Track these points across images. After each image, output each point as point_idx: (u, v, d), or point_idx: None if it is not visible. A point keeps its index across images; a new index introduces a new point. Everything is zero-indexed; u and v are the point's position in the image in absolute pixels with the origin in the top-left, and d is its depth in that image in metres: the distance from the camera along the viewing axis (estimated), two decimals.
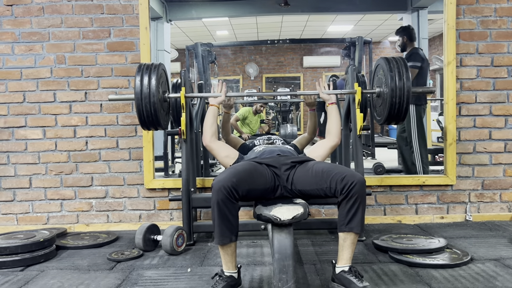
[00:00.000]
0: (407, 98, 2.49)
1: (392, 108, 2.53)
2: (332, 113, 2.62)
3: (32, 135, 3.37)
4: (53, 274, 2.43)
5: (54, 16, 3.32)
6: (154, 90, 2.51)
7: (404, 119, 2.59)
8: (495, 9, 3.34)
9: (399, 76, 2.49)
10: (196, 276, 2.34)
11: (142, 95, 2.50)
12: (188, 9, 6.17)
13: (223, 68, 10.47)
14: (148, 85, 2.50)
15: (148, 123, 2.59)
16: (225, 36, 9.45)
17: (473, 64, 3.36)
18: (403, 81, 2.48)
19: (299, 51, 10.73)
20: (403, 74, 2.49)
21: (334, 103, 2.64)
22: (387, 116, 2.59)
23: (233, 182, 1.95)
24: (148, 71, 2.54)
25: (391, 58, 2.59)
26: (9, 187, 3.39)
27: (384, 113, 2.62)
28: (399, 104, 2.50)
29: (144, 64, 2.59)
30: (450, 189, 3.41)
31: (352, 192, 1.96)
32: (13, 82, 3.34)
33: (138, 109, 2.54)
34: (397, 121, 2.61)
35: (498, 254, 2.57)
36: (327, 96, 2.66)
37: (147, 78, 2.51)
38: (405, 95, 2.48)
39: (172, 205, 3.39)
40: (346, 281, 2.01)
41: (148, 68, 2.55)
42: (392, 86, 2.49)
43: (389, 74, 2.50)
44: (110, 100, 2.83)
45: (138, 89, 2.51)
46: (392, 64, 2.53)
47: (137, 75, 2.53)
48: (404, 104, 2.50)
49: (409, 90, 2.49)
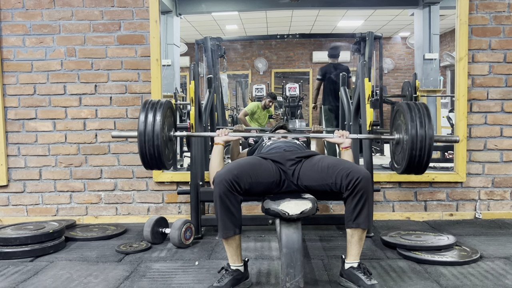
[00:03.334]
0: (429, 148, 2.22)
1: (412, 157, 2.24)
2: (345, 159, 2.33)
3: (42, 127, 3.39)
4: (62, 265, 2.45)
5: (65, 8, 3.33)
6: (159, 131, 2.24)
7: (425, 170, 2.32)
8: (508, 4, 3.29)
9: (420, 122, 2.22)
10: (203, 269, 2.35)
11: (145, 135, 2.24)
12: (198, 3, 6.16)
13: (232, 62, 10.46)
14: (153, 125, 2.24)
15: (151, 165, 2.34)
16: (235, 31, 9.44)
17: (485, 60, 3.32)
18: (424, 128, 2.21)
19: (309, 46, 10.68)
20: (425, 120, 2.22)
21: (349, 147, 2.37)
22: (407, 165, 2.30)
23: (234, 175, 1.96)
24: (154, 109, 2.28)
25: (412, 102, 2.31)
26: (20, 179, 3.42)
27: (404, 162, 2.33)
28: (420, 153, 2.22)
29: (150, 101, 2.33)
30: (460, 186, 3.38)
31: (358, 188, 1.96)
32: (24, 74, 3.36)
33: (141, 151, 2.28)
34: (417, 171, 2.34)
35: (508, 252, 2.55)
36: (340, 140, 2.38)
37: (152, 118, 2.25)
38: (427, 144, 2.21)
39: (180, 198, 3.40)
40: (355, 278, 2.01)
41: (154, 107, 2.30)
42: (412, 134, 2.20)
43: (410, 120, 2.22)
44: (113, 137, 2.60)
45: (141, 129, 2.24)
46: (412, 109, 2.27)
47: (141, 112, 2.28)
48: (426, 153, 2.22)
49: (432, 138, 2.21)
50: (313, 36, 10.20)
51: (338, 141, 2.39)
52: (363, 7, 7.08)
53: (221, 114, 5.19)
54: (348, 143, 2.36)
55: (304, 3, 6.01)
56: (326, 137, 2.52)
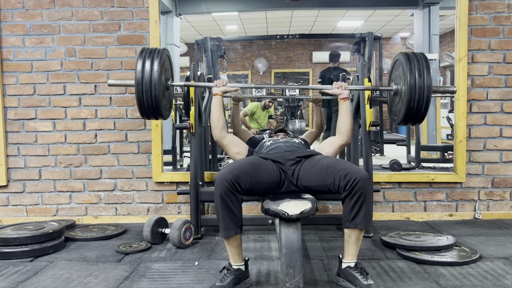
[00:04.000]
0: (427, 98, 2.27)
1: (410, 106, 2.30)
2: (343, 110, 2.48)
3: (42, 127, 3.39)
4: (62, 265, 2.45)
5: (65, 9, 3.33)
6: (156, 77, 2.29)
7: (423, 120, 2.37)
8: (508, 5, 3.29)
9: (419, 72, 2.27)
10: (203, 269, 2.35)
11: (143, 80, 2.29)
12: (198, 3, 6.17)
13: (232, 62, 10.47)
14: (150, 71, 2.29)
15: (148, 112, 2.39)
16: (235, 31, 9.44)
17: (485, 60, 3.32)
18: (423, 79, 2.26)
19: (309, 47, 10.69)
20: (423, 70, 2.28)
21: (347, 98, 2.47)
22: (405, 115, 2.36)
23: (235, 175, 1.97)
24: (151, 56, 2.34)
25: (411, 53, 2.38)
26: (19, 179, 3.42)
27: (401, 113, 2.39)
28: (418, 102, 2.28)
29: (147, 49, 2.39)
30: (460, 186, 3.38)
31: (356, 189, 1.96)
32: (23, 74, 3.36)
33: (138, 96, 2.33)
34: (414, 121, 2.40)
35: (507, 253, 2.55)
36: (338, 91, 2.48)
37: (149, 63, 2.30)
38: (425, 94, 2.26)
39: (180, 198, 3.40)
40: (351, 277, 2.02)
41: (151, 53, 2.36)
42: (411, 83, 2.27)
43: (408, 69, 2.28)
44: (110, 85, 2.64)
45: (139, 74, 2.29)
46: (411, 59, 2.32)
47: (138, 60, 2.33)
48: (424, 103, 2.28)
49: (430, 88, 2.27)
50: (313, 36, 10.21)
51: (337, 92, 2.49)
52: (363, 7, 7.09)
53: None
54: (346, 94, 2.48)
55: (304, 3, 6.02)
56: (325, 88, 2.62)
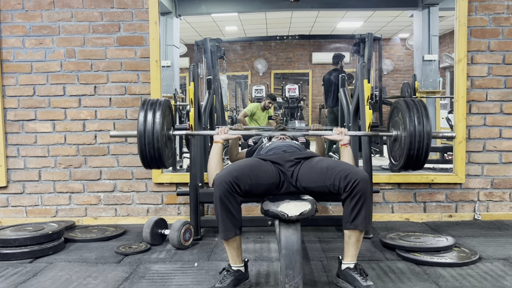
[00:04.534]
0: (426, 145, 2.24)
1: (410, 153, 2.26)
2: (345, 156, 2.36)
3: (42, 128, 3.39)
4: (62, 266, 2.45)
5: (65, 10, 3.34)
6: (159, 129, 2.24)
7: (422, 166, 2.33)
8: (507, 6, 3.29)
9: (418, 119, 2.24)
10: (203, 270, 2.35)
11: (145, 133, 2.24)
12: (198, 4, 6.17)
13: (231, 63, 10.47)
14: (152, 123, 2.24)
15: (150, 163, 2.32)
16: (234, 32, 9.45)
17: (484, 61, 3.33)
18: (422, 126, 2.23)
19: (308, 47, 10.69)
20: (422, 117, 2.24)
21: (347, 144, 2.38)
22: (405, 161, 2.31)
23: (234, 177, 1.97)
24: (153, 108, 2.29)
25: (410, 100, 2.34)
26: (19, 180, 3.42)
27: (402, 160, 2.34)
28: (418, 151, 2.24)
29: (149, 100, 2.34)
30: (459, 187, 3.38)
31: (356, 190, 1.96)
32: (23, 75, 3.36)
33: (141, 148, 2.27)
34: (415, 168, 2.36)
35: (506, 253, 2.55)
36: (339, 137, 2.39)
37: (151, 116, 2.25)
38: (425, 142, 2.23)
39: (180, 199, 3.40)
40: (351, 278, 2.01)
41: (153, 105, 2.31)
42: (411, 132, 2.23)
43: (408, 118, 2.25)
44: (112, 137, 2.64)
45: (141, 127, 2.24)
46: (411, 107, 2.29)
47: (140, 112, 2.28)
48: (424, 151, 2.25)
49: (429, 136, 2.24)
50: (313, 37, 10.21)
51: (337, 138, 2.41)
52: (363, 8, 7.09)
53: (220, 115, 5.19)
54: (347, 140, 2.38)
55: (304, 4, 6.03)
56: (325, 134, 2.55)
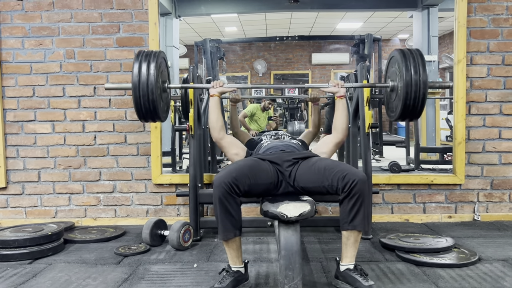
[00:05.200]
0: (423, 93, 2.28)
1: (406, 103, 2.31)
2: (339, 108, 2.49)
3: (41, 129, 3.39)
4: (61, 267, 2.44)
5: (64, 11, 3.34)
6: (153, 79, 2.31)
7: (419, 115, 2.38)
8: (507, 7, 3.29)
9: (414, 68, 2.28)
10: (202, 271, 2.35)
11: (139, 84, 2.30)
12: (197, 5, 6.17)
13: (231, 64, 10.48)
14: (147, 73, 2.30)
15: (145, 114, 2.39)
16: (234, 33, 9.45)
17: (483, 62, 3.33)
18: (419, 74, 2.27)
19: (308, 48, 10.70)
20: (419, 66, 2.29)
21: (343, 96, 2.49)
22: (402, 111, 2.37)
23: (233, 177, 1.97)
24: (147, 58, 2.35)
25: (406, 49, 2.39)
26: (18, 181, 3.41)
27: (398, 109, 2.40)
28: (415, 99, 2.29)
29: (143, 52, 2.41)
30: (459, 188, 3.38)
31: (354, 191, 1.96)
32: (23, 76, 3.36)
33: (135, 99, 2.34)
34: (411, 117, 2.41)
35: (506, 254, 2.55)
36: (335, 89, 2.50)
37: (146, 66, 2.32)
38: (421, 89, 2.27)
39: (179, 200, 3.39)
40: (351, 279, 2.01)
41: (148, 56, 2.37)
42: (407, 79, 2.28)
43: (404, 66, 2.29)
44: (107, 89, 2.68)
45: (135, 77, 2.31)
46: (407, 56, 2.34)
47: (135, 63, 2.34)
48: (420, 98, 2.29)
49: (426, 83, 2.28)
50: (312, 38, 10.22)
51: (333, 90, 2.52)
52: (362, 9, 7.10)
53: None
54: (343, 92, 2.50)
55: (303, 5, 6.03)
56: (321, 86, 2.66)
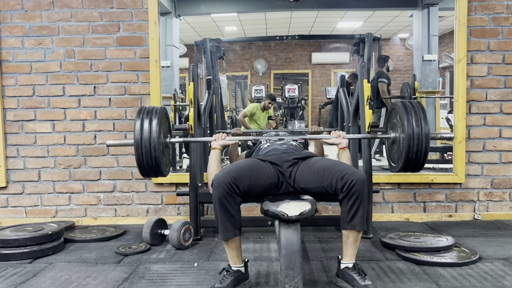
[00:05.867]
0: (425, 146, 2.24)
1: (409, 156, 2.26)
2: (343, 159, 2.33)
3: (41, 128, 3.39)
4: (61, 267, 2.44)
5: (64, 10, 3.33)
6: (155, 136, 2.24)
7: (421, 168, 2.33)
8: (507, 6, 3.29)
9: (416, 122, 2.24)
10: (202, 270, 2.35)
11: (142, 141, 2.24)
12: (197, 5, 6.16)
13: (231, 64, 10.46)
14: (149, 132, 2.23)
15: (148, 171, 2.32)
16: (234, 32, 9.44)
17: (484, 61, 3.33)
18: (421, 127, 2.23)
19: (308, 48, 10.68)
20: (420, 119, 2.24)
21: (346, 147, 2.35)
22: (404, 164, 2.32)
23: (233, 177, 1.97)
24: (149, 116, 2.28)
25: (407, 101, 2.34)
26: (18, 180, 3.41)
27: (401, 162, 2.34)
28: (417, 152, 2.24)
29: (145, 108, 2.33)
30: (459, 187, 3.38)
31: (353, 191, 1.96)
32: (23, 75, 3.36)
33: (138, 156, 2.26)
34: (413, 170, 2.35)
35: (506, 253, 2.55)
36: (337, 140, 2.35)
37: (148, 124, 2.25)
38: (424, 142, 2.23)
39: (180, 200, 3.39)
40: (349, 278, 2.02)
41: (149, 113, 2.30)
42: (409, 133, 2.23)
43: (406, 119, 2.25)
44: (108, 146, 2.66)
45: (138, 135, 2.24)
46: (408, 109, 2.29)
47: (136, 120, 2.27)
48: (423, 152, 2.25)
49: (428, 136, 2.24)
50: (312, 37, 10.20)
51: (335, 142, 2.36)
52: (362, 8, 7.09)
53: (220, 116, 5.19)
54: (345, 144, 2.34)
55: (303, 4, 6.02)
56: (323, 138, 2.49)
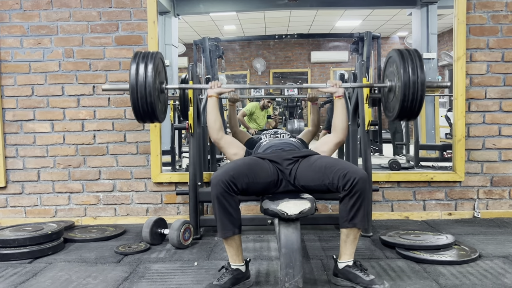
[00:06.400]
0: (421, 92, 2.26)
1: (404, 103, 2.29)
2: (338, 108, 2.46)
3: (41, 128, 3.38)
4: (61, 267, 2.44)
5: (63, 9, 3.33)
6: (151, 81, 2.29)
7: (417, 116, 2.37)
8: (506, 3, 3.29)
9: (412, 68, 2.27)
10: (202, 270, 2.35)
11: (137, 85, 2.29)
12: (196, 4, 6.16)
13: (230, 63, 10.46)
14: (144, 75, 2.29)
15: (143, 115, 2.38)
16: (233, 31, 9.44)
17: (483, 59, 3.33)
18: (417, 75, 2.25)
19: (307, 46, 10.69)
20: (417, 66, 2.28)
21: (342, 96, 2.47)
22: (399, 112, 2.34)
23: (231, 176, 1.96)
24: (145, 60, 2.34)
25: (404, 49, 2.38)
26: (18, 180, 3.41)
27: (396, 109, 2.37)
28: (413, 100, 2.27)
29: (140, 53, 2.40)
30: (459, 185, 3.38)
31: (355, 189, 1.95)
32: (21, 75, 3.36)
33: (133, 101, 2.33)
34: (409, 117, 2.38)
35: (506, 251, 2.55)
36: (333, 89, 2.47)
37: (143, 67, 2.31)
38: (419, 89, 2.25)
39: (179, 199, 3.39)
40: (352, 276, 2.01)
41: (145, 57, 2.36)
42: (405, 79, 2.26)
43: (402, 66, 2.28)
44: (104, 90, 2.64)
45: (133, 79, 2.30)
46: (405, 56, 2.32)
47: (132, 64, 2.33)
48: (418, 98, 2.27)
49: (424, 83, 2.26)
50: (311, 36, 10.21)
51: (331, 90, 2.49)
52: (361, 7, 7.08)
53: None
54: (341, 92, 2.48)
55: (302, 3, 6.02)
56: (319, 86, 2.63)
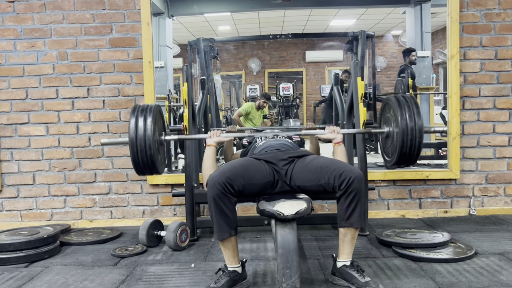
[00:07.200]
0: (419, 139, 2.24)
1: (403, 149, 2.27)
2: (338, 154, 2.34)
3: (35, 131, 3.37)
4: (58, 270, 2.43)
5: (56, 12, 3.32)
6: (150, 133, 2.22)
7: (416, 161, 2.34)
8: (499, 1, 3.31)
9: (410, 115, 2.25)
10: (199, 271, 2.35)
11: (137, 138, 2.22)
12: (190, 4, 6.16)
13: (225, 63, 10.46)
14: (144, 128, 2.22)
15: (143, 168, 2.29)
16: (227, 31, 9.45)
17: (476, 57, 3.34)
18: (414, 122, 2.24)
19: (302, 46, 10.71)
20: (414, 113, 2.25)
21: (340, 142, 2.36)
22: (398, 159, 2.32)
23: (227, 177, 1.96)
24: (144, 112, 2.27)
25: (401, 96, 2.35)
26: (13, 184, 3.40)
27: (395, 156, 2.35)
28: (411, 147, 2.25)
29: (139, 106, 2.32)
30: (454, 183, 3.40)
31: (351, 188, 1.96)
32: (15, 78, 3.34)
33: (133, 154, 2.25)
34: (408, 163, 2.36)
35: (502, 248, 2.56)
36: (332, 135, 2.36)
37: (143, 120, 2.24)
38: (417, 135, 2.23)
39: (175, 200, 3.39)
40: (348, 276, 2.02)
41: (144, 110, 2.29)
42: (403, 127, 2.24)
43: (399, 113, 2.26)
44: (103, 144, 2.59)
45: (132, 132, 2.23)
46: (401, 103, 2.30)
47: (131, 117, 2.26)
48: (417, 145, 2.25)
49: (421, 130, 2.24)
50: (306, 35, 10.24)
51: (330, 137, 2.37)
52: (355, 6, 7.11)
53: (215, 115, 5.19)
54: (340, 138, 2.36)
55: (296, 3, 6.03)
56: (317, 133, 2.52)
